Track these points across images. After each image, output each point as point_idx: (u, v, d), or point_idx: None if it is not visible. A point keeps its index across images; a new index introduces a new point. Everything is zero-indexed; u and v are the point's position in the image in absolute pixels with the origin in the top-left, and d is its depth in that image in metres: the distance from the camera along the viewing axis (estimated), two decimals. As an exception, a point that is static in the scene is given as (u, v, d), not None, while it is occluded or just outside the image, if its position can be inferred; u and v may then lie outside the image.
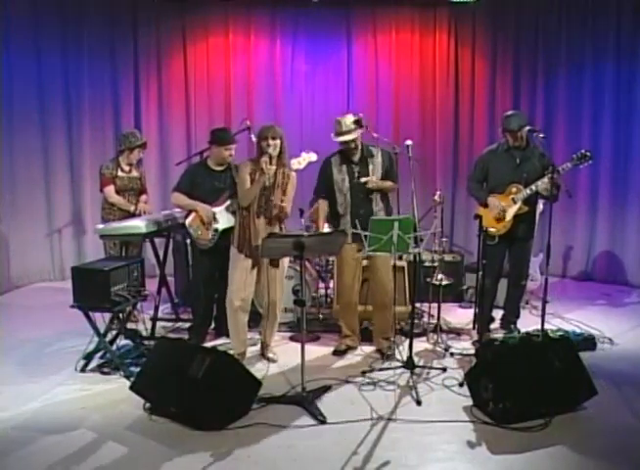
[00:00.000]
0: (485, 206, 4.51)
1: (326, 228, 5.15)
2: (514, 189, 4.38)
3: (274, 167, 3.95)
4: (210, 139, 4.41)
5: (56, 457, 2.91)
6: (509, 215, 4.39)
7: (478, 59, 6.93)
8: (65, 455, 2.93)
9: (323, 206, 4.37)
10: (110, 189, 4.98)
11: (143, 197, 5.18)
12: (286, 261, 4.23)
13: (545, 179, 4.19)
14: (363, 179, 4.15)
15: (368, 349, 4.41)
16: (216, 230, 4.29)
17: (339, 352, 4.35)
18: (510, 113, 4.50)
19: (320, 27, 6.95)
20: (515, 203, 4.37)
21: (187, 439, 3.08)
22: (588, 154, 4.19)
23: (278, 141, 3.93)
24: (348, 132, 4.11)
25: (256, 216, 3.96)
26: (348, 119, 4.13)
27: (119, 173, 5.02)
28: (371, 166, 4.20)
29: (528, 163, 4.39)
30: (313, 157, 4.15)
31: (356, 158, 4.23)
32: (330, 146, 4.99)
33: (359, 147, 4.22)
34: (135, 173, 5.14)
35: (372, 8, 6.93)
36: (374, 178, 4.16)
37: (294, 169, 4.02)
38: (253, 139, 4.34)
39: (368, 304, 4.50)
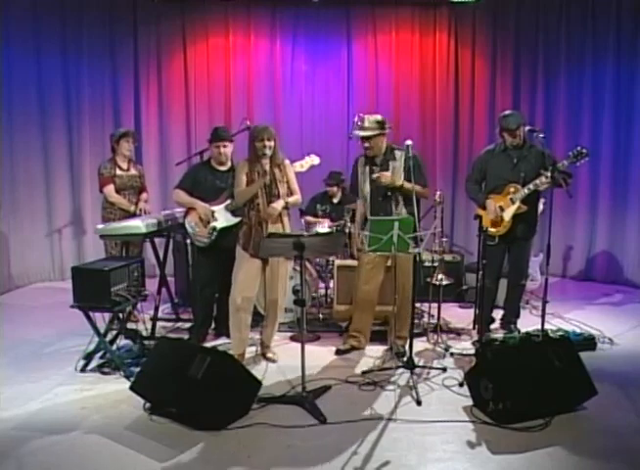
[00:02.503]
0: (484, 207, 4.51)
1: (324, 229, 5.17)
2: (512, 189, 4.38)
3: (269, 165, 3.95)
4: (208, 138, 4.48)
5: (56, 457, 2.91)
6: (507, 216, 4.39)
7: (478, 59, 6.93)
8: (65, 455, 2.93)
9: (360, 207, 4.30)
10: (109, 188, 4.98)
11: (143, 195, 5.17)
12: (290, 263, 4.23)
13: (543, 178, 4.20)
14: (375, 175, 4.10)
15: (369, 349, 4.40)
16: (214, 228, 4.29)
17: (341, 352, 4.33)
18: (507, 112, 4.49)
19: (320, 27, 6.95)
20: (513, 203, 4.37)
21: (187, 439, 3.07)
22: (584, 151, 4.18)
23: (273, 142, 3.93)
24: (365, 129, 4.07)
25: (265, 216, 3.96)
26: (372, 117, 4.11)
27: (118, 172, 5.02)
28: (390, 169, 4.12)
29: (526, 162, 4.39)
30: (316, 160, 4.16)
31: (378, 160, 4.17)
32: (329, 146, 4.99)
33: (379, 149, 4.13)
34: (134, 171, 5.13)
35: (372, 8, 6.93)
36: (387, 174, 4.08)
37: (296, 172, 4.04)
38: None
39: (386, 303, 4.37)
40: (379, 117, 4.12)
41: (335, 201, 5.67)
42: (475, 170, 4.65)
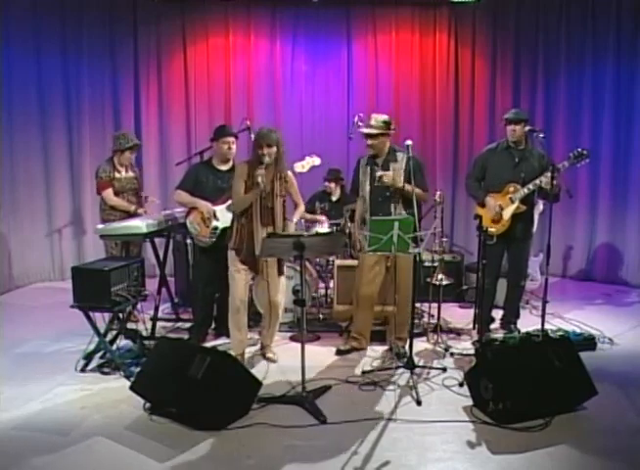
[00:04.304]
0: (483, 205, 4.51)
1: (324, 229, 5.17)
2: (511, 188, 4.39)
3: (270, 175, 3.87)
4: (210, 137, 4.47)
5: (56, 457, 2.92)
6: (506, 215, 4.40)
7: (478, 59, 6.93)
8: (65, 455, 2.93)
9: (359, 207, 4.29)
10: (108, 192, 4.96)
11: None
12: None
13: (543, 178, 4.21)
14: (378, 173, 4.10)
15: (369, 349, 4.40)
16: (216, 228, 4.29)
17: (342, 352, 4.33)
18: (514, 110, 4.61)
19: (320, 27, 6.94)
20: (512, 202, 4.37)
21: (187, 439, 3.07)
22: (585, 152, 4.20)
23: (274, 148, 3.82)
24: (371, 127, 4.11)
25: (259, 225, 3.89)
26: (380, 117, 4.16)
27: (116, 175, 5.01)
28: (391, 171, 4.11)
29: (527, 163, 4.41)
30: (317, 161, 4.16)
31: (380, 161, 4.18)
32: (329, 146, 4.98)
33: (381, 148, 4.15)
34: (131, 173, 5.13)
35: (372, 8, 6.93)
36: (390, 173, 4.07)
37: (297, 173, 4.03)
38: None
39: (386, 304, 4.39)
40: (386, 118, 4.16)
41: (333, 199, 5.68)
42: (475, 168, 4.66)
